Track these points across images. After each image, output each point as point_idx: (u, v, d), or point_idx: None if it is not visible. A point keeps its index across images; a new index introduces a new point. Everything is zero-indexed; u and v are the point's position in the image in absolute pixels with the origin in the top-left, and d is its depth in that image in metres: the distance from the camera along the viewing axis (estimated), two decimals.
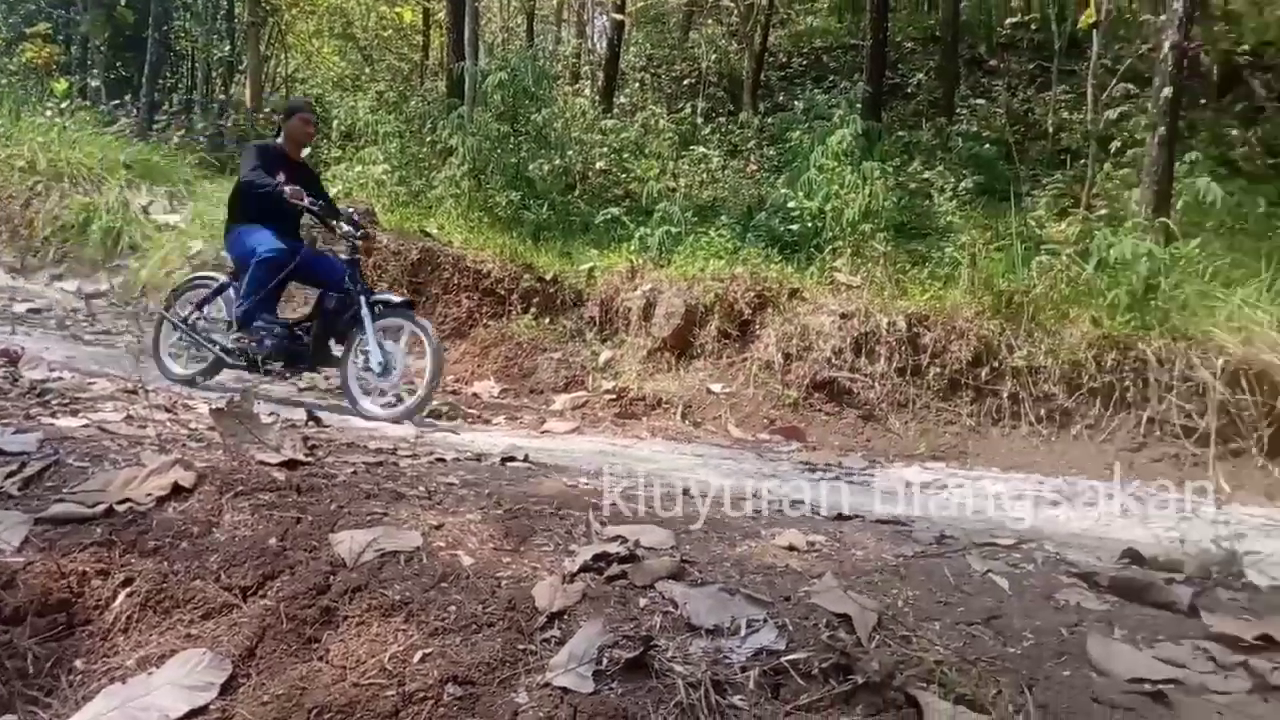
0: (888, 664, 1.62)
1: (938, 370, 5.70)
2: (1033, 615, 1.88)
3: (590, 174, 10.69)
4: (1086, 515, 3.73)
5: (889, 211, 7.38)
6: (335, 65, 17.56)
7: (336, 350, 5.23)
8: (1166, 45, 6.94)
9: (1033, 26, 14.30)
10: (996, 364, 5.57)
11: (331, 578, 1.94)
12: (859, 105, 9.02)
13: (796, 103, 11.48)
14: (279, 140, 5.50)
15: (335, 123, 10.81)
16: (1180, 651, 1.75)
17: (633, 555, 1.99)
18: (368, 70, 17.35)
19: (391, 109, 11.84)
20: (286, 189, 5.06)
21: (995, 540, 2.52)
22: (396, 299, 5.25)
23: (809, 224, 7.58)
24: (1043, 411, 5.39)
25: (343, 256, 5.26)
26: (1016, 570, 2.19)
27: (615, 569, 1.93)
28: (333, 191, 8.82)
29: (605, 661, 1.63)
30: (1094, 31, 10.82)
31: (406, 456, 3.05)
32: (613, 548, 2.02)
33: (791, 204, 7.76)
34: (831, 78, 13.94)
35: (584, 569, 1.94)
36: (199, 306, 5.46)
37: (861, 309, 5.96)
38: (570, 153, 10.28)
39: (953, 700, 1.53)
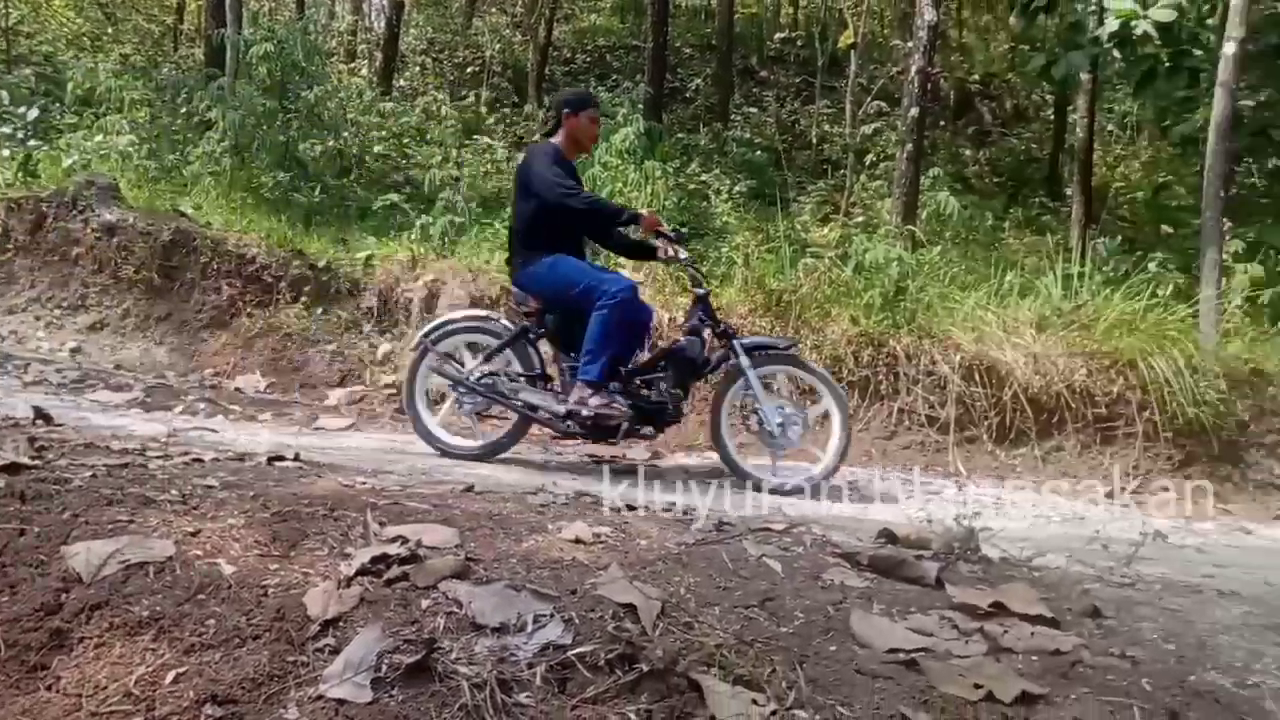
0: (671, 651, 1.65)
1: None
2: (803, 595, 1.99)
3: (368, 158, 10.22)
4: (848, 499, 4.03)
5: (670, 210, 7.61)
6: (70, 21, 15.63)
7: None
8: (913, 70, 7.64)
9: (799, 43, 15.29)
10: None
11: (64, 595, 1.71)
12: (641, 105, 9.23)
13: None
14: (556, 140, 4.34)
15: (70, 85, 9.62)
16: (929, 621, 1.91)
17: (414, 556, 1.91)
18: (110, 30, 15.60)
19: (139, 75, 10.72)
20: (644, 213, 4.19)
21: (769, 525, 2.66)
22: (777, 341, 4.44)
23: None
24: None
25: (696, 290, 4.33)
26: (788, 553, 2.31)
27: (395, 571, 1.84)
28: (67, 163, 7.86)
29: (385, 668, 1.55)
30: (852, 52, 11.70)
31: (157, 457, 2.76)
32: (393, 549, 1.93)
33: None
34: (615, 76, 14.18)
35: (361, 572, 1.83)
36: (487, 359, 4.34)
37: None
38: (346, 134, 9.77)
39: (731, 681, 1.59)
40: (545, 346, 4.42)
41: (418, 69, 15.57)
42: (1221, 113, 6.97)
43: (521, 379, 4.28)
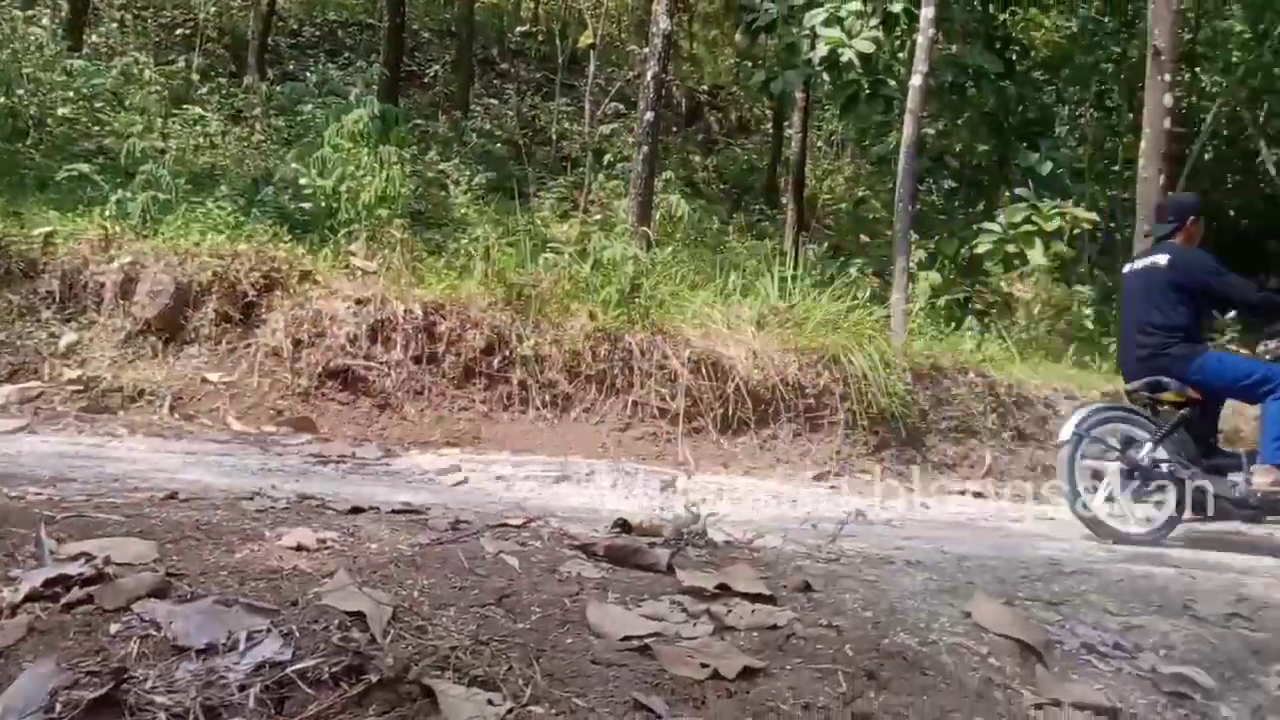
0: (403, 658, 1.57)
1: (453, 358, 5.81)
2: (540, 589, 1.98)
3: (49, 120, 8.93)
4: (585, 491, 4.10)
5: (406, 198, 7.35)
6: None
7: None
8: (649, 75, 7.93)
9: (539, 38, 15.37)
10: (508, 353, 5.85)
11: None
12: (375, 87, 8.83)
13: (309, 74, 10.86)
14: (1178, 242, 4.56)
15: None
16: (660, 607, 1.98)
17: (101, 575, 1.67)
18: None
19: None
20: None
21: (507, 521, 2.62)
22: None
23: (322, 204, 7.22)
24: (548, 397, 5.81)
25: None
26: (526, 548, 2.29)
27: (77, 593, 1.60)
28: None
29: (59, 707, 1.34)
30: (591, 53, 11.95)
31: None
32: (74, 569, 1.68)
33: (304, 181, 7.32)
34: (347, 54, 13.46)
35: (31, 598, 1.58)
36: (1156, 445, 4.31)
37: (378, 295, 5.83)
38: (21, 92, 8.47)
39: (466, 683, 1.54)
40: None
41: (115, 25, 13.84)
42: (909, 137, 7.89)
43: (1192, 464, 4.35)
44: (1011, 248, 9.05)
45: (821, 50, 9.23)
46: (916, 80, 7.91)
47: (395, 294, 5.77)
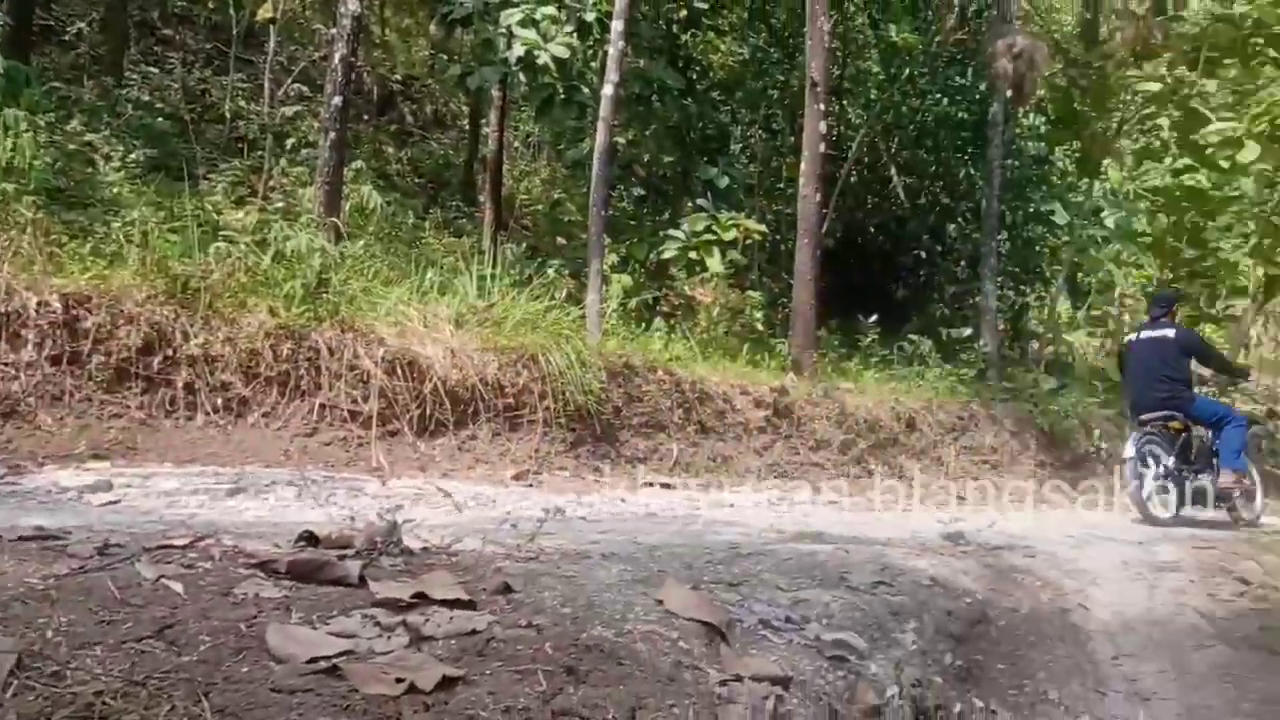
0: (31, 713, 1.33)
1: (102, 358, 5.07)
2: (210, 615, 1.78)
3: None
4: (265, 503, 3.76)
5: (40, 172, 6.30)
6: None
7: None
8: (337, 57, 7.50)
9: (210, 5, 13.95)
10: (171, 352, 5.23)
11: None
12: None
13: None
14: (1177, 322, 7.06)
15: None
16: (351, 623, 1.86)
17: None
18: None
19: None
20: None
21: (170, 542, 2.33)
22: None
23: None
24: (220, 401, 5.27)
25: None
26: (193, 570, 2.05)
27: None
28: None
29: None
30: (271, 27, 11.08)
31: None
32: None
33: None
34: None
35: None
36: (1177, 456, 6.46)
37: (1, 286, 4.94)
38: None
39: None
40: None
41: None
42: (602, 144, 8.19)
43: (1188, 470, 6.44)
44: (694, 254, 9.71)
45: (518, 50, 9.28)
46: (608, 90, 8.22)
47: (25, 284, 4.93)
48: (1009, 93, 11.86)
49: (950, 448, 9.62)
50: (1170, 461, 6.36)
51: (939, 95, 14.16)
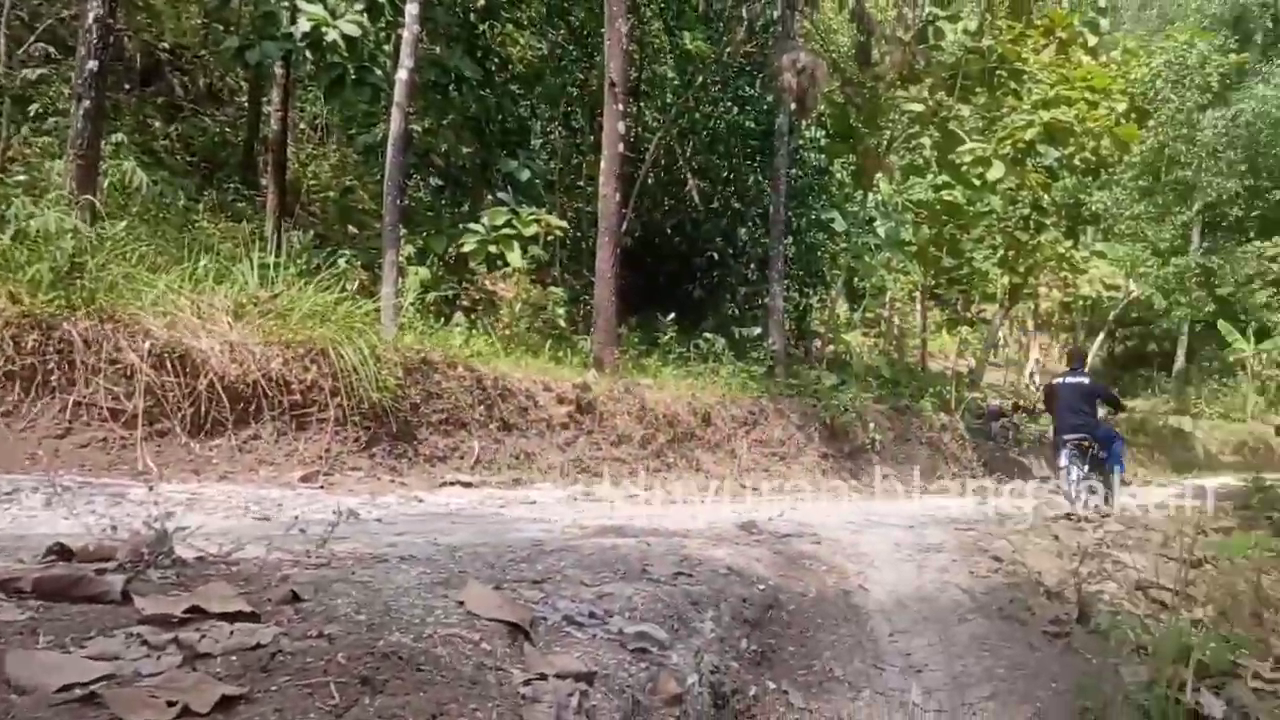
0: None
1: None
2: None
3: None
4: (5, 513, 3.31)
5: None
6: None
7: None
8: (91, 16, 6.73)
9: None
10: None
11: None
12: None
13: None
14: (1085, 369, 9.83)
15: None
16: (113, 644, 1.67)
17: None
18: None
19: None
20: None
21: None
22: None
23: None
24: None
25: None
26: None
27: None
28: None
29: None
30: None
31: None
32: None
33: None
34: None
35: None
36: (1087, 464, 8.70)
37: None
38: None
39: None
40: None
41: None
42: (397, 131, 7.89)
43: (1092, 474, 8.60)
44: (494, 249, 9.56)
45: (304, 25, 8.75)
46: (403, 74, 7.93)
47: None
48: (793, 105, 12.56)
49: (743, 441, 10.08)
50: (1085, 468, 8.72)
51: (730, 104, 14.79)
